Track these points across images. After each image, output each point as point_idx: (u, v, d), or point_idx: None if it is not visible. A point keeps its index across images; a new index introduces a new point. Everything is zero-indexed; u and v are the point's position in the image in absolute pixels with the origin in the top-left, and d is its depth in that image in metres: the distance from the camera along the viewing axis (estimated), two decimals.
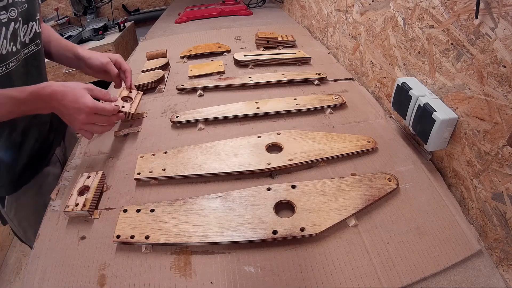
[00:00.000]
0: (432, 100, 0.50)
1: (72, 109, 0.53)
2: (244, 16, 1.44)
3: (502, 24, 0.37)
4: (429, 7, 0.50)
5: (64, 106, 0.53)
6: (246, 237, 0.43)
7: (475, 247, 0.42)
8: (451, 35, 0.46)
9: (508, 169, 0.39)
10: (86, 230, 0.47)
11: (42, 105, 0.52)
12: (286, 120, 0.67)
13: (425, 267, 0.40)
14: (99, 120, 0.56)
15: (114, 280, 0.41)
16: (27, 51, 0.58)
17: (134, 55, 1.12)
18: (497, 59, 0.39)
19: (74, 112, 0.53)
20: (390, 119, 0.66)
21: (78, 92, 0.53)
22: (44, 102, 0.52)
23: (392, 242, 0.43)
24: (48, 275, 0.42)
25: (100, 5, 2.10)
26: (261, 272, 0.41)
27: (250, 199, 0.48)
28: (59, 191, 0.55)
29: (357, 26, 0.77)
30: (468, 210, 0.47)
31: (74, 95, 0.53)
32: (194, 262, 0.42)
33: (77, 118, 0.53)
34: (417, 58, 0.55)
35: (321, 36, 1.06)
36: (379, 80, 0.71)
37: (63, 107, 0.53)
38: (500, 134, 0.40)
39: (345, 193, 0.48)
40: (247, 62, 0.90)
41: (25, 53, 0.58)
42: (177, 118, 0.67)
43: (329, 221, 0.44)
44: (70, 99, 0.52)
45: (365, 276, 0.39)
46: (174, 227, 0.45)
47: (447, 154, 0.52)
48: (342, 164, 0.55)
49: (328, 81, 0.81)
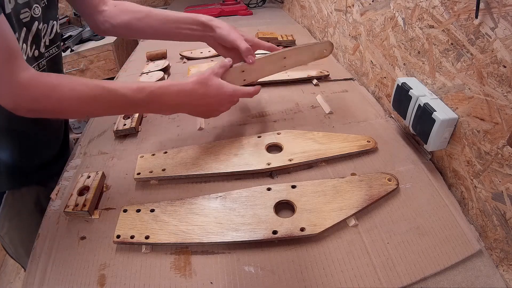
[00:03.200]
0: (432, 100, 0.50)
1: (216, 102, 0.52)
2: (244, 16, 1.44)
3: (502, 24, 0.37)
4: (429, 7, 0.50)
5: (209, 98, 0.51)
6: (246, 237, 0.43)
7: (475, 247, 0.42)
8: (451, 35, 0.46)
9: (508, 169, 0.39)
10: (86, 230, 0.47)
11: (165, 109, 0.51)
12: (286, 120, 0.67)
13: (425, 267, 0.40)
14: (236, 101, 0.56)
15: (114, 280, 0.41)
16: (48, 54, 0.55)
17: (134, 55, 1.12)
18: (497, 59, 0.39)
19: (220, 104, 0.53)
20: (390, 119, 0.66)
21: (216, 83, 0.52)
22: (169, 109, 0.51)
23: (392, 242, 0.43)
24: (48, 275, 0.42)
25: None
26: (261, 272, 0.41)
27: (250, 199, 0.48)
28: (59, 191, 0.55)
29: (357, 26, 0.77)
30: (468, 210, 0.47)
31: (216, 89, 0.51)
32: (194, 262, 0.42)
33: (219, 109, 0.54)
34: (417, 58, 0.55)
35: (321, 36, 1.06)
36: (379, 80, 0.71)
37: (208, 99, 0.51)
38: (500, 134, 0.40)
39: (345, 193, 0.48)
40: None
41: (46, 56, 0.54)
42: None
43: (329, 221, 0.44)
44: (213, 93, 0.51)
45: (365, 276, 0.39)
46: (174, 227, 0.45)
47: (447, 154, 0.52)
48: (342, 164, 0.55)
49: (328, 81, 0.81)
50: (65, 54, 1.65)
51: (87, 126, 0.73)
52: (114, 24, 0.62)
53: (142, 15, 0.61)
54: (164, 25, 0.61)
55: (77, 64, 1.66)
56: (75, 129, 2.20)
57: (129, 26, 0.62)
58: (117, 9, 0.62)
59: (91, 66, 1.68)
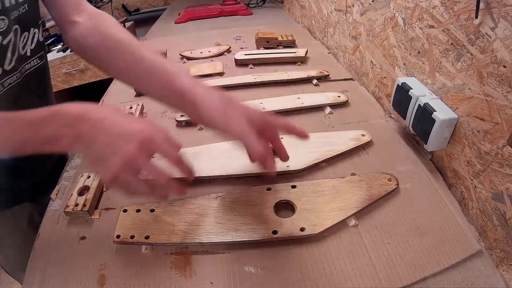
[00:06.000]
0: (432, 100, 0.50)
1: (116, 133, 0.33)
2: (244, 16, 1.44)
3: (502, 24, 0.37)
4: (429, 7, 0.50)
5: (104, 130, 0.33)
6: (246, 237, 0.43)
7: (475, 247, 0.42)
8: (451, 35, 0.46)
9: (508, 169, 0.39)
10: (86, 230, 0.47)
11: (66, 130, 0.33)
12: None
13: (425, 267, 0.40)
14: (150, 166, 0.34)
15: (114, 280, 0.41)
16: (29, 67, 0.47)
17: None
18: (497, 59, 0.39)
19: (119, 139, 0.33)
20: (390, 119, 0.66)
21: (130, 117, 0.36)
22: (69, 127, 0.33)
23: (392, 242, 0.43)
24: (48, 275, 0.42)
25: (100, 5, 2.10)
26: (261, 272, 0.41)
27: (250, 199, 0.48)
28: (59, 191, 0.55)
29: (357, 26, 0.77)
30: (468, 210, 0.47)
31: (122, 117, 0.35)
32: (194, 262, 0.42)
33: (120, 149, 0.32)
34: (417, 58, 0.55)
35: (321, 36, 1.06)
36: (379, 80, 0.71)
37: (102, 130, 0.33)
38: (500, 134, 0.40)
39: (345, 193, 0.48)
40: (247, 61, 0.90)
41: (25, 69, 0.47)
42: (182, 117, 0.67)
43: (329, 221, 0.44)
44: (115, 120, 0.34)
45: (365, 276, 0.39)
46: (174, 227, 0.45)
47: (447, 154, 0.52)
48: (342, 164, 0.55)
49: (328, 81, 0.81)
50: (65, 54, 1.65)
51: None
52: (82, 43, 0.47)
53: (112, 45, 0.45)
54: (134, 70, 0.44)
55: (77, 64, 1.66)
56: None
57: (95, 55, 0.47)
58: (91, 24, 0.47)
59: (91, 66, 1.68)
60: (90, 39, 0.46)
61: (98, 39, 0.45)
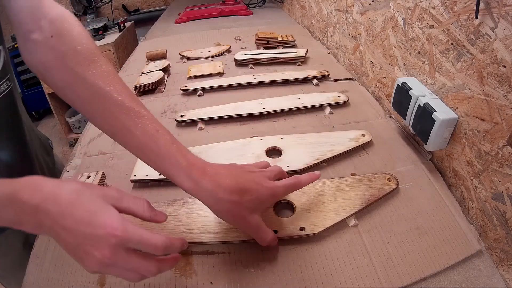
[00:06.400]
0: (432, 100, 0.50)
1: (82, 236, 0.29)
2: (244, 16, 1.44)
3: (502, 24, 0.37)
4: (429, 7, 0.50)
5: (67, 230, 0.29)
6: (246, 237, 0.43)
7: (475, 247, 0.42)
8: (451, 35, 0.46)
9: (508, 169, 0.39)
10: None
11: (28, 218, 0.29)
12: (286, 120, 0.67)
13: (425, 267, 0.40)
14: (133, 262, 0.31)
15: (114, 280, 0.41)
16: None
17: (134, 55, 1.12)
18: (497, 59, 0.39)
19: (87, 243, 0.29)
20: (390, 119, 0.66)
21: (93, 204, 0.30)
22: (29, 216, 0.29)
23: (392, 242, 0.43)
24: (48, 275, 0.42)
25: (100, 5, 2.10)
26: (261, 272, 0.41)
27: None
28: None
29: (357, 26, 0.77)
30: (468, 210, 0.47)
31: (85, 210, 0.29)
32: (194, 262, 0.42)
33: (92, 253, 0.29)
34: (417, 58, 0.55)
35: (321, 36, 1.06)
36: (379, 80, 0.71)
37: (65, 231, 0.29)
38: (500, 134, 0.40)
39: (344, 193, 0.48)
40: (247, 61, 0.90)
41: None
42: (182, 117, 0.67)
43: (329, 221, 0.44)
44: (77, 218, 0.29)
45: (365, 276, 0.39)
46: (174, 227, 0.45)
47: (447, 154, 0.52)
48: (342, 164, 0.55)
49: (328, 81, 0.81)
50: None
51: (87, 126, 0.73)
52: (45, 76, 0.38)
53: (87, 95, 0.37)
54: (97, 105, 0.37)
55: None
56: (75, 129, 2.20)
57: (62, 94, 0.39)
58: (53, 41, 0.37)
59: None
60: (56, 74, 0.37)
61: (66, 79, 0.37)
